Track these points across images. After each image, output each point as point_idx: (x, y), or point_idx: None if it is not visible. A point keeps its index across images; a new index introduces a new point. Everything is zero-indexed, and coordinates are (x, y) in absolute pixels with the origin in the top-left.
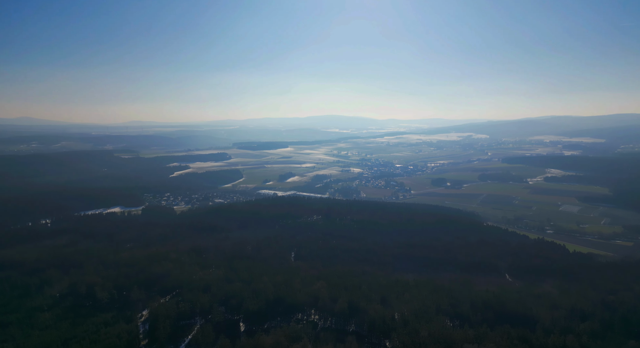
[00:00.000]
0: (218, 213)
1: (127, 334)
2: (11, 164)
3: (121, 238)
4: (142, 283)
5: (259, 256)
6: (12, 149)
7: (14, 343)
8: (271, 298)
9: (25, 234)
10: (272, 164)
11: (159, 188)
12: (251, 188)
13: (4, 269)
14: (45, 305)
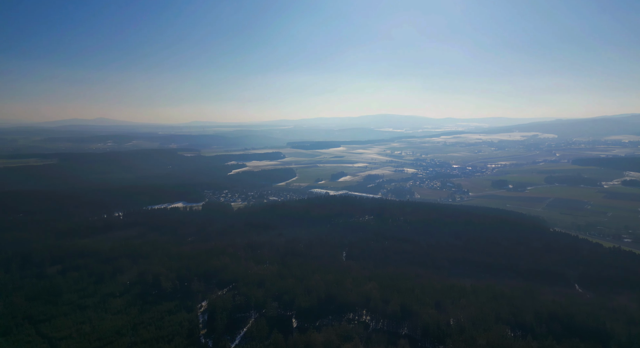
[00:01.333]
0: (272, 211)
1: (188, 323)
2: (90, 161)
3: (183, 232)
4: (201, 275)
5: (311, 254)
6: (91, 147)
7: (91, 325)
8: (323, 296)
9: (101, 226)
10: (325, 163)
11: (218, 185)
12: (304, 187)
13: (83, 257)
14: (117, 291)
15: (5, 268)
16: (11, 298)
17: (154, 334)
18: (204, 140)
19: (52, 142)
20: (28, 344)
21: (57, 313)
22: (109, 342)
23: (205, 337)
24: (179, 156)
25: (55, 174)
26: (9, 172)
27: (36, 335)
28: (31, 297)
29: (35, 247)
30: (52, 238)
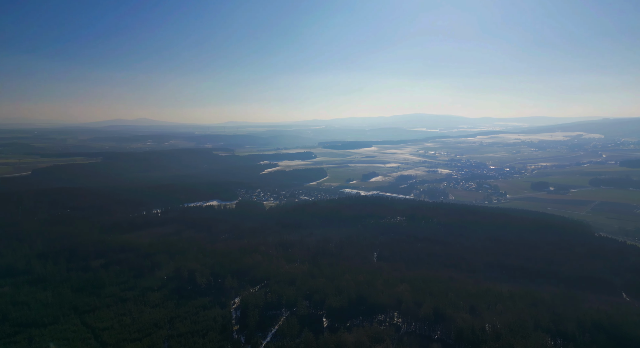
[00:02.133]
0: (303, 210)
1: (221, 318)
2: (131, 160)
3: (218, 229)
4: (234, 272)
5: (342, 254)
6: (132, 146)
7: (131, 317)
8: (353, 296)
9: (140, 222)
10: (356, 163)
11: (250, 184)
12: (335, 186)
13: (124, 252)
14: (155, 285)
15: (54, 261)
16: (59, 289)
17: (189, 328)
18: (238, 140)
19: (98, 141)
20: (74, 333)
21: (100, 305)
22: (148, 334)
23: (238, 333)
24: (214, 155)
25: (99, 172)
26: (59, 170)
27: (81, 324)
28: (77, 288)
29: (81, 241)
30: (96, 233)
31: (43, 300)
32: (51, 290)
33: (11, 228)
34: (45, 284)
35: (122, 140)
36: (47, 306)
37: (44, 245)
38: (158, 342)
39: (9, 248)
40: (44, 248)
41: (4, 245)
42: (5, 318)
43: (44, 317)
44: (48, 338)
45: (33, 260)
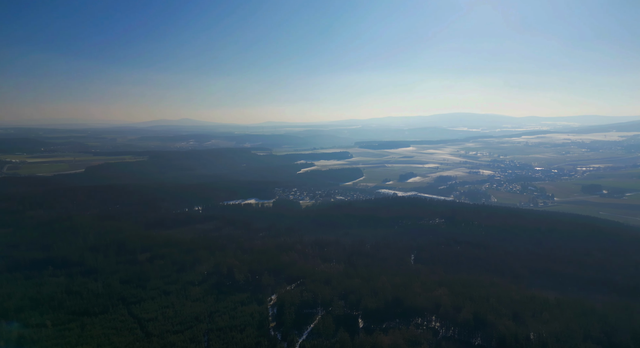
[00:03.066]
0: (339, 210)
1: (258, 315)
2: (174, 158)
3: (255, 227)
4: (271, 269)
5: (378, 255)
6: (175, 146)
7: (174, 310)
8: (390, 298)
9: (183, 218)
10: (393, 164)
11: (287, 183)
12: (371, 187)
13: (167, 246)
14: (196, 280)
15: (104, 254)
16: (109, 280)
17: (228, 323)
18: (276, 140)
19: (144, 140)
20: (122, 323)
21: (145, 297)
22: (189, 327)
23: (275, 330)
24: (252, 155)
25: (145, 170)
26: (109, 167)
27: (128, 315)
28: (125, 280)
29: (129, 235)
30: (142, 228)
31: (94, 290)
32: (102, 281)
33: (66, 222)
34: (97, 275)
35: (167, 140)
36: (98, 296)
37: (95, 238)
38: (198, 335)
39: (65, 241)
40: (95, 241)
41: (60, 237)
42: (60, 307)
43: (95, 306)
44: (99, 326)
45: (86, 252)
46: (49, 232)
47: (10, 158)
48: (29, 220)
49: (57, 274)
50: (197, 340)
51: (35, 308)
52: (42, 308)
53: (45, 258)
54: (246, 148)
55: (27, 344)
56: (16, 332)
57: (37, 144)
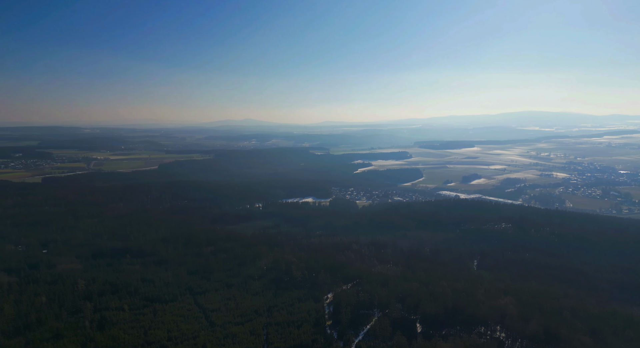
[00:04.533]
0: (396, 211)
1: (315, 312)
2: (237, 157)
3: (313, 225)
4: (328, 268)
5: (437, 259)
6: (239, 145)
7: (235, 302)
8: (450, 304)
9: (244, 214)
10: (455, 164)
11: (344, 183)
12: (431, 188)
13: (230, 241)
14: (256, 274)
15: (174, 246)
16: (177, 271)
17: (285, 318)
18: (333, 140)
19: (210, 140)
20: (188, 312)
21: (210, 288)
22: (249, 320)
23: (331, 328)
24: (310, 154)
25: (211, 167)
26: (179, 165)
27: (194, 304)
28: (191, 271)
29: (195, 229)
30: (208, 223)
31: (165, 279)
32: (171, 271)
33: (142, 215)
34: (167, 265)
35: (231, 139)
36: (168, 285)
37: (166, 231)
38: (258, 328)
39: (140, 232)
40: (166, 233)
41: (136, 229)
42: (136, 293)
43: (165, 294)
44: (168, 313)
45: (158, 243)
46: (127, 223)
47: (96, 155)
48: (110, 212)
49: (134, 263)
50: (257, 333)
51: (115, 293)
52: (120, 293)
53: (124, 248)
54: (304, 147)
55: (108, 325)
56: (99, 314)
57: (119, 143)
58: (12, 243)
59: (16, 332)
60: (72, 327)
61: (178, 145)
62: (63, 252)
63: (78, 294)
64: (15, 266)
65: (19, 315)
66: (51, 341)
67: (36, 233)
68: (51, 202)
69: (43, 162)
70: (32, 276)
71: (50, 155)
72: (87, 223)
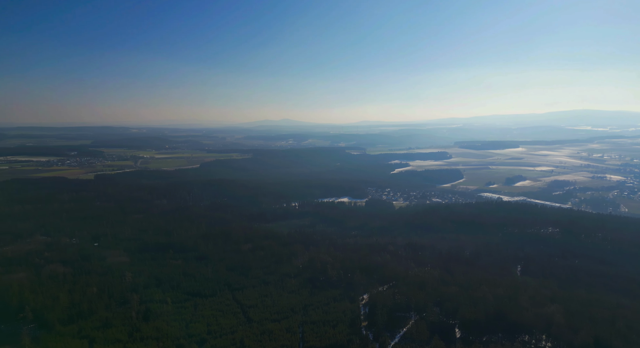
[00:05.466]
0: (435, 213)
1: (350, 312)
2: (275, 156)
3: (348, 225)
4: (363, 269)
5: (478, 263)
6: (276, 144)
7: (271, 299)
8: (491, 310)
9: (281, 213)
10: (498, 166)
11: (380, 183)
12: (472, 190)
13: (267, 239)
14: (292, 273)
15: (214, 242)
16: (217, 266)
17: (321, 317)
18: (370, 139)
19: (249, 139)
20: (227, 307)
21: (247, 285)
22: (285, 317)
23: (366, 329)
24: (346, 154)
25: (249, 167)
26: (220, 164)
27: (232, 300)
28: (230, 267)
29: (234, 226)
30: (246, 221)
31: (205, 274)
32: (211, 266)
33: (184, 212)
34: (207, 261)
35: (268, 139)
36: (208, 280)
37: (207, 227)
38: (293, 326)
39: (182, 228)
40: (206, 230)
41: (179, 225)
42: (178, 287)
43: (205, 289)
44: (208, 308)
45: (199, 239)
46: (171, 219)
47: (142, 154)
48: (155, 208)
49: (176, 257)
50: (293, 331)
51: (159, 286)
52: (163, 287)
53: (167, 243)
54: (340, 147)
55: (152, 317)
56: (144, 306)
57: (163, 142)
58: (67, 236)
59: (70, 319)
60: (120, 316)
61: (218, 144)
62: (112, 245)
63: (125, 286)
64: (70, 258)
65: (72, 304)
66: (101, 329)
67: (88, 227)
68: (102, 198)
69: (95, 159)
70: (84, 267)
71: (101, 154)
72: (134, 218)
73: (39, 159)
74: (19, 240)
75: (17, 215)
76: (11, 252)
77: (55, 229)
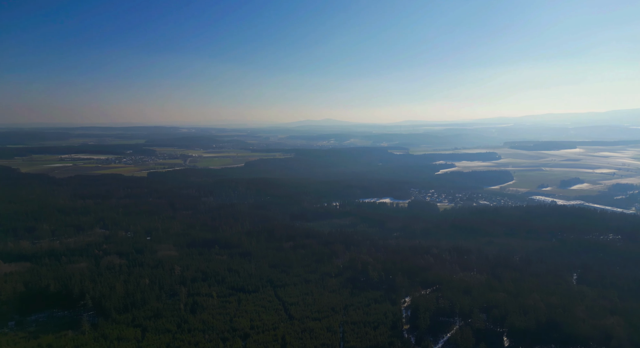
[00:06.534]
0: (482, 216)
1: (392, 315)
2: (316, 156)
3: (390, 226)
4: (405, 271)
5: (528, 269)
6: (318, 144)
7: (312, 298)
8: (543, 320)
9: (322, 212)
10: (552, 167)
11: (424, 184)
12: (522, 192)
13: (308, 237)
14: (333, 272)
15: (256, 239)
16: (260, 263)
17: (361, 318)
18: (413, 139)
19: (291, 139)
20: (269, 303)
21: (289, 282)
22: (326, 316)
23: (408, 333)
24: (389, 154)
25: (291, 166)
26: (263, 163)
27: (274, 297)
28: (272, 265)
29: (276, 224)
30: (287, 219)
31: (248, 270)
32: (254, 263)
33: (229, 209)
34: (250, 257)
35: (310, 139)
36: (251, 276)
37: (250, 224)
38: (334, 326)
39: (227, 225)
40: (250, 227)
41: (224, 222)
42: (223, 281)
43: (248, 285)
44: (251, 303)
45: (242, 236)
46: (216, 216)
47: (191, 152)
48: (202, 205)
49: (221, 253)
50: (333, 330)
51: (205, 280)
52: (209, 281)
53: (213, 239)
54: (383, 147)
55: (199, 309)
56: (191, 299)
57: (210, 141)
58: (123, 229)
59: (125, 308)
60: (170, 308)
61: (262, 144)
62: (163, 239)
63: (174, 279)
64: (125, 250)
65: (127, 294)
66: (152, 319)
67: (142, 221)
68: (154, 195)
69: (148, 158)
70: (138, 260)
71: (154, 152)
72: (183, 214)
73: (99, 157)
74: (80, 233)
75: (79, 209)
76: (74, 243)
77: (112, 223)
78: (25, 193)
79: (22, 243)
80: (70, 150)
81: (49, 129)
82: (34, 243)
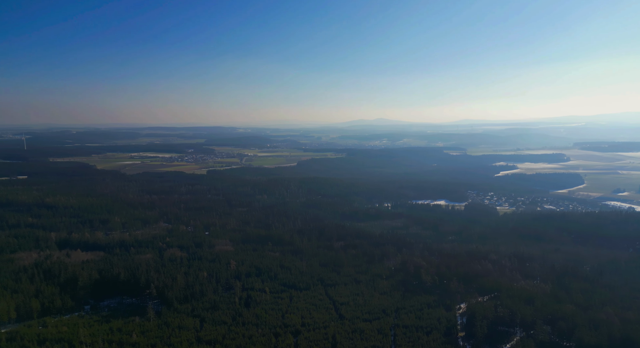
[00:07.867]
0: (547, 221)
1: (446, 321)
2: (368, 156)
3: (444, 229)
4: (460, 276)
5: (601, 280)
6: (370, 144)
7: (363, 298)
8: (617, 335)
9: (373, 213)
10: (630, 170)
11: (482, 186)
12: (594, 197)
13: (359, 238)
14: (384, 274)
15: (308, 237)
16: (311, 261)
17: (414, 322)
18: (471, 139)
19: (343, 139)
20: (320, 301)
21: (339, 282)
22: (377, 318)
23: (463, 340)
24: (444, 154)
25: (343, 166)
26: (315, 162)
27: (325, 295)
28: (323, 263)
29: (327, 224)
30: (338, 218)
31: (300, 268)
32: (305, 261)
33: (282, 207)
34: (302, 255)
35: (362, 139)
36: (302, 274)
37: (302, 223)
38: (385, 328)
39: (280, 223)
40: (302, 226)
41: (276, 219)
42: (275, 277)
43: (299, 282)
44: (302, 301)
45: (294, 234)
46: (270, 214)
47: (247, 152)
48: (257, 202)
49: (274, 250)
50: (384, 333)
51: (258, 275)
52: (263, 276)
53: (266, 235)
54: (438, 147)
55: (253, 304)
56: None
57: (265, 141)
58: (184, 224)
59: (185, 299)
60: (225, 301)
61: (314, 144)
62: (220, 235)
63: (230, 273)
64: (185, 244)
65: (187, 285)
66: (210, 311)
67: (201, 216)
68: (212, 192)
69: (208, 156)
70: (197, 253)
71: (213, 151)
72: (239, 211)
73: (163, 155)
74: (147, 226)
75: (146, 204)
76: (141, 236)
77: (174, 217)
78: (100, 188)
79: (97, 234)
80: (138, 148)
81: (121, 129)
82: (107, 234)
